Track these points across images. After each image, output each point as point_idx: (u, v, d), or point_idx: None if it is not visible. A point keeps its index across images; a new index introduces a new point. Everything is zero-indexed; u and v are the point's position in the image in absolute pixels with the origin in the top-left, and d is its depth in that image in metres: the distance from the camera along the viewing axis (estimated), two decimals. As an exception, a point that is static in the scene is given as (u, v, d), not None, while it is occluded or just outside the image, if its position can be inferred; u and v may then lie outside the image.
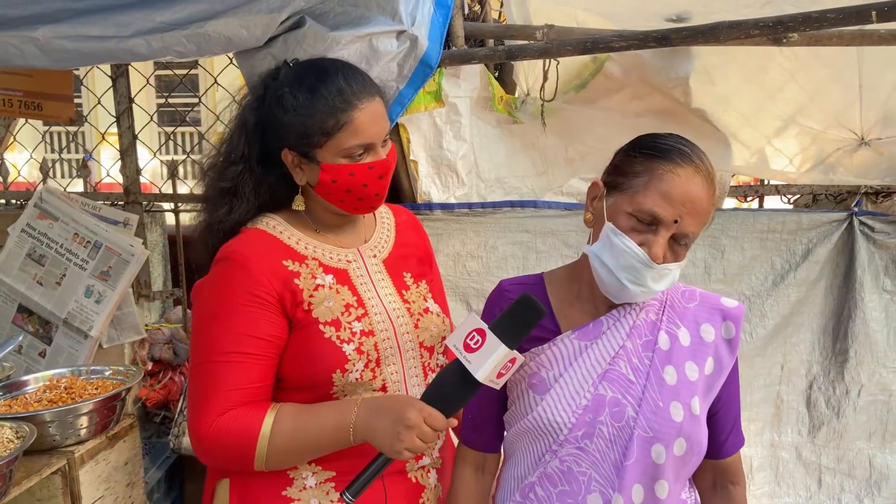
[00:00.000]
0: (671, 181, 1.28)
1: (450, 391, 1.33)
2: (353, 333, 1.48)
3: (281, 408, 1.43)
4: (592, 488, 1.37)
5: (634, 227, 1.30)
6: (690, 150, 1.32)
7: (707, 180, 1.30)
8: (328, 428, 1.40)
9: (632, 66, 2.45)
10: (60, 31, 1.98)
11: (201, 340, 1.46)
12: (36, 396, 1.89)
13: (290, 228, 1.55)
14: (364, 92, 1.48)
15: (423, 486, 1.57)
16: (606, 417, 1.37)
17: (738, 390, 1.48)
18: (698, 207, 1.28)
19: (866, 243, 2.35)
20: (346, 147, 1.45)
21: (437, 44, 2.08)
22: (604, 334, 1.40)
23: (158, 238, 3.53)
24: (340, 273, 1.54)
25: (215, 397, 1.40)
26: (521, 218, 2.38)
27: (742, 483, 1.50)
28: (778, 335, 2.42)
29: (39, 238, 2.76)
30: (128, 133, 3.08)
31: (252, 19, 1.93)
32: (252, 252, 1.47)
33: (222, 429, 1.39)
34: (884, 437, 2.42)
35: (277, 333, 1.45)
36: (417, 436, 1.31)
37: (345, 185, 1.48)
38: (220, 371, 1.41)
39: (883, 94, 2.39)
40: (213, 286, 1.48)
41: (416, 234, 1.75)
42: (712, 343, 1.41)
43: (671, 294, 1.45)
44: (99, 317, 2.69)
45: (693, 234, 1.30)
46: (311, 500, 1.48)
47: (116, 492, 1.89)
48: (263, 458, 1.39)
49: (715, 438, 1.45)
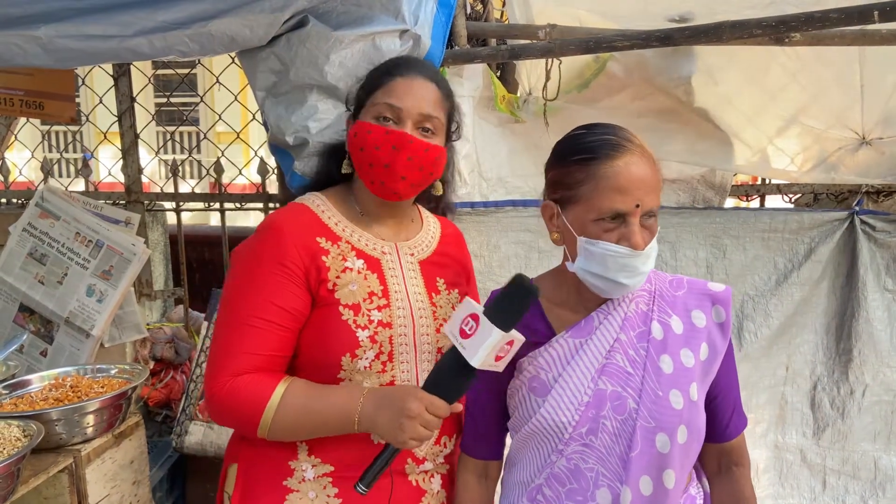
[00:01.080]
0: (616, 175, 1.31)
1: (449, 378, 1.35)
2: (370, 321, 1.49)
3: (293, 381, 1.46)
4: (600, 483, 1.38)
5: (605, 228, 1.34)
6: (615, 135, 1.35)
7: (642, 154, 1.34)
8: (334, 412, 1.42)
9: (634, 66, 2.45)
10: (63, 30, 1.98)
11: (228, 301, 1.50)
12: (42, 395, 1.90)
13: (332, 209, 1.59)
14: (415, 69, 1.54)
15: (424, 490, 1.57)
16: (609, 411, 1.38)
17: (735, 373, 1.49)
18: (649, 183, 1.33)
19: (868, 242, 2.34)
20: (376, 104, 1.51)
21: (439, 43, 2.08)
22: (597, 329, 1.42)
23: (160, 237, 3.53)
24: (372, 261, 1.55)
25: (233, 358, 1.44)
26: (524, 217, 2.37)
27: (746, 464, 1.51)
28: (782, 336, 2.42)
29: (41, 237, 2.76)
30: (129, 132, 3.08)
31: (255, 18, 1.93)
32: (289, 224, 1.52)
33: (235, 390, 1.42)
34: (889, 439, 2.41)
35: (299, 307, 1.48)
36: (421, 424, 1.33)
37: (360, 141, 1.51)
38: (241, 333, 1.45)
39: (884, 94, 2.39)
40: (248, 251, 1.52)
41: (457, 248, 1.76)
42: (704, 328, 1.43)
43: (659, 284, 1.47)
44: (101, 316, 2.69)
45: (656, 206, 1.35)
46: (310, 492, 1.49)
47: (122, 490, 1.90)
48: (267, 427, 1.42)
49: (717, 422, 1.46)
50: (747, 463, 1.51)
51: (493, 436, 1.55)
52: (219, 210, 3.12)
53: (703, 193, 2.66)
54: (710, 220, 2.40)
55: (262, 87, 2.10)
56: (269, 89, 2.09)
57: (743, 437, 1.51)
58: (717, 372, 1.43)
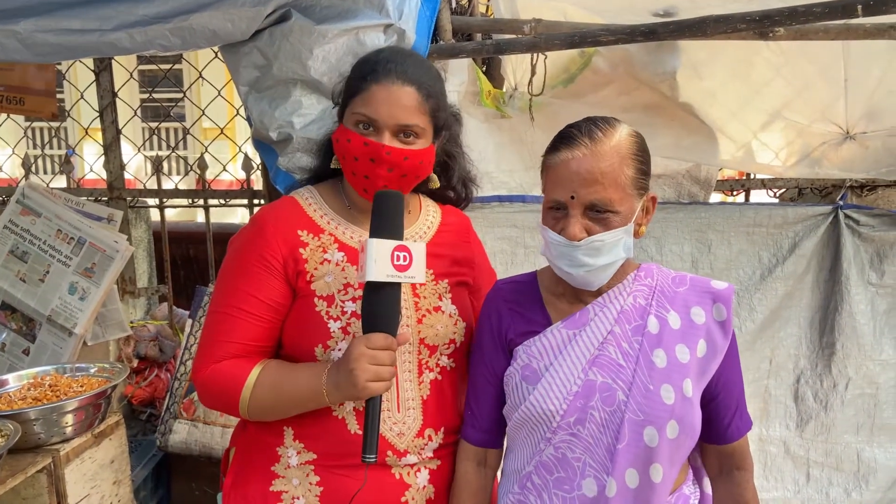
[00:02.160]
0: (556, 167, 1.38)
1: (369, 308, 1.39)
2: (343, 312, 1.50)
3: (267, 364, 1.52)
4: (587, 473, 1.39)
5: (553, 217, 1.40)
6: (576, 128, 1.39)
7: (588, 149, 1.35)
8: (304, 389, 1.47)
9: (619, 61, 2.45)
10: (42, 25, 1.95)
11: (216, 291, 1.57)
12: (20, 394, 1.88)
13: (320, 202, 1.62)
14: (396, 74, 1.50)
15: (408, 484, 1.56)
16: (597, 402, 1.39)
17: (739, 374, 1.48)
18: (587, 177, 1.34)
19: (851, 237, 2.36)
20: (354, 112, 1.51)
21: (424, 38, 2.07)
22: (591, 321, 1.44)
23: (143, 234, 3.50)
24: (354, 252, 1.56)
25: (215, 345, 1.51)
26: (510, 213, 2.37)
27: (748, 468, 1.50)
28: (766, 329, 2.43)
29: (22, 234, 2.73)
30: (111, 128, 3.05)
31: (237, 12, 1.91)
32: (273, 217, 1.57)
33: (216, 374, 1.49)
34: (871, 431, 2.43)
35: (278, 299, 1.52)
36: (369, 363, 1.36)
37: (341, 149, 1.53)
38: (224, 322, 1.52)
39: (868, 88, 2.40)
40: (237, 243, 1.58)
41: (458, 236, 1.75)
42: (703, 325, 1.43)
43: (661, 279, 1.48)
44: (83, 314, 2.66)
45: (601, 200, 1.34)
46: (293, 478, 1.52)
47: (103, 490, 1.88)
48: (246, 407, 1.48)
49: (718, 423, 1.46)
50: (750, 467, 1.50)
51: (491, 423, 1.56)
52: (203, 206, 3.09)
53: (688, 188, 2.66)
54: (695, 215, 2.41)
55: (245, 82, 2.08)
56: (252, 84, 2.07)
57: (746, 440, 1.49)
58: (716, 370, 1.43)
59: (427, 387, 1.59)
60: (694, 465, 1.56)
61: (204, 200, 3.08)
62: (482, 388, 1.56)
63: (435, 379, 1.60)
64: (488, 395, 1.55)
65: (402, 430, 1.54)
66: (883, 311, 2.40)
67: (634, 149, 1.39)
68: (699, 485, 1.54)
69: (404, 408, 1.55)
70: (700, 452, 1.54)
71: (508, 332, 1.52)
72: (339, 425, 1.51)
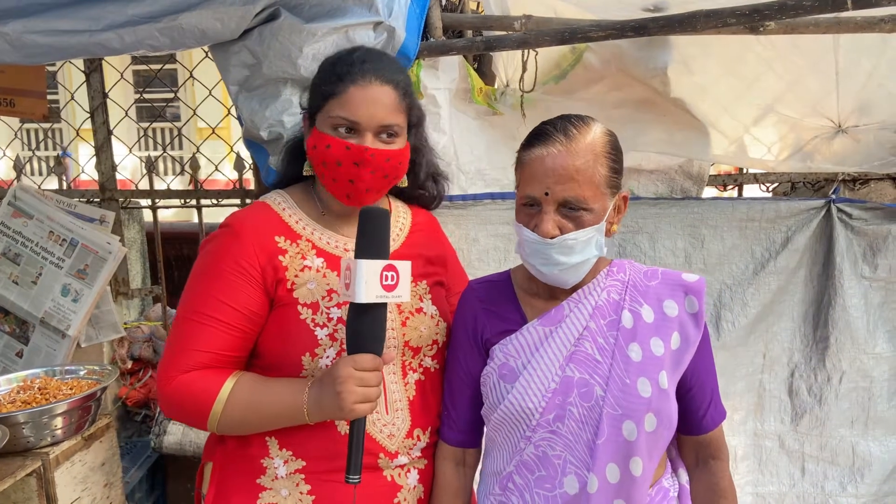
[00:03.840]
0: (530, 163, 1.37)
1: (356, 329, 1.36)
2: (329, 318, 1.48)
3: (241, 377, 1.46)
4: (568, 471, 1.40)
5: (526, 213, 1.40)
6: (551, 125, 1.38)
7: (563, 146, 1.35)
8: (283, 407, 1.43)
9: (610, 57, 2.45)
10: (31, 26, 1.95)
11: (186, 296, 1.50)
12: (9, 398, 1.87)
13: (294, 207, 1.58)
14: (373, 73, 1.47)
15: (399, 485, 1.55)
16: (576, 398, 1.40)
17: (711, 365, 1.50)
18: (562, 174, 1.33)
19: (844, 230, 2.36)
20: (331, 116, 1.47)
21: (414, 35, 2.07)
22: (567, 318, 1.44)
23: (136, 235, 3.49)
24: (333, 259, 1.54)
25: (183, 354, 1.44)
26: (503, 210, 2.37)
27: (723, 458, 1.52)
28: (759, 324, 2.43)
29: (14, 236, 2.72)
30: (102, 129, 3.04)
31: (226, 11, 1.91)
32: (248, 223, 1.51)
33: (182, 386, 1.42)
34: (866, 424, 2.43)
35: (253, 308, 1.47)
36: (357, 385, 1.33)
37: (321, 155, 1.48)
38: (193, 329, 1.45)
39: (859, 82, 2.40)
40: (208, 248, 1.52)
41: (428, 236, 1.74)
42: (676, 318, 1.44)
43: (633, 274, 1.49)
44: (76, 316, 2.66)
45: (575, 197, 1.34)
46: (282, 489, 1.48)
47: (94, 493, 1.88)
48: (216, 422, 1.43)
49: (693, 414, 1.47)
50: (725, 456, 1.52)
51: (468, 423, 1.57)
52: (195, 207, 3.08)
53: (680, 184, 2.66)
54: (687, 211, 2.41)
55: (234, 82, 2.07)
56: (242, 83, 2.07)
57: (721, 429, 1.51)
58: (690, 362, 1.44)
59: (413, 388, 1.59)
60: (670, 457, 1.57)
61: (196, 200, 3.07)
62: (458, 388, 1.56)
63: (419, 380, 1.60)
64: (465, 395, 1.55)
65: (392, 432, 1.53)
66: (876, 304, 2.40)
67: (609, 147, 1.39)
68: (676, 477, 1.55)
69: (392, 409, 1.54)
70: (676, 444, 1.55)
71: (484, 332, 1.52)
72: (327, 427, 1.48)
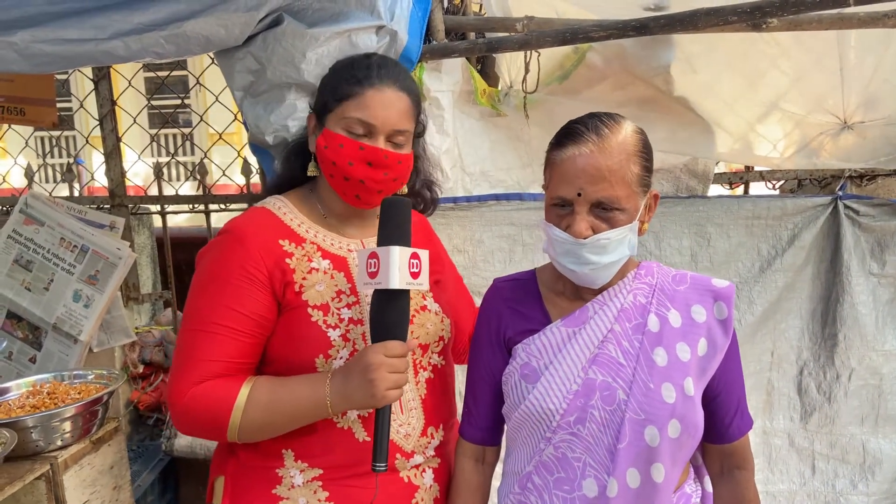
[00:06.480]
0: (562, 163, 1.35)
1: (384, 316, 1.36)
2: (340, 319, 1.48)
3: (257, 380, 1.44)
4: (587, 473, 1.38)
5: (557, 213, 1.38)
6: (581, 124, 1.37)
7: (595, 146, 1.33)
8: (304, 403, 1.41)
9: (613, 56, 2.45)
10: (39, 35, 1.97)
11: (190, 308, 1.47)
12: (19, 402, 1.90)
13: (294, 211, 1.58)
14: (389, 78, 1.49)
15: (416, 485, 1.55)
16: (598, 401, 1.38)
17: (740, 373, 1.47)
18: (594, 174, 1.32)
19: (852, 227, 2.35)
20: (347, 117, 1.48)
21: (417, 38, 2.08)
22: (591, 319, 1.43)
23: (146, 240, 3.52)
24: (339, 260, 1.54)
25: (194, 366, 1.41)
26: (507, 211, 2.38)
27: (749, 468, 1.49)
28: (767, 321, 2.42)
29: (26, 244, 2.75)
30: (111, 136, 3.07)
31: (230, 18, 1.92)
32: (251, 228, 1.50)
33: (197, 397, 1.39)
34: (876, 422, 2.42)
35: (262, 313, 1.45)
36: (388, 371, 1.34)
37: (332, 155, 1.49)
38: (202, 340, 1.42)
39: (864, 77, 2.38)
40: (210, 257, 1.50)
41: (424, 235, 1.75)
42: (704, 324, 1.41)
43: (661, 278, 1.46)
44: (88, 321, 2.68)
45: (608, 198, 1.32)
46: (300, 498, 1.47)
47: (102, 496, 1.90)
48: (237, 430, 1.40)
49: (719, 423, 1.45)
50: (751, 466, 1.49)
51: (488, 421, 1.56)
52: (204, 212, 3.11)
53: (686, 182, 2.66)
54: (693, 209, 2.40)
55: (239, 87, 2.09)
56: (246, 89, 2.09)
57: (747, 439, 1.48)
58: (717, 369, 1.42)
59: (423, 386, 1.59)
60: (695, 465, 1.55)
61: (205, 205, 3.09)
62: (480, 386, 1.56)
63: (429, 378, 1.61)
64: (486, 393, 1.55)
65: (408, 432, 1.54)
66: (885, 301, 2.39)
67: (640, 145, 1.37)
68: (700, 483, 1.53)
69: (407, 409, 1.55)
70: (701, 452, 1.53)
71: (507, 331, 1.51)
72: (346, 436, 1.47)
